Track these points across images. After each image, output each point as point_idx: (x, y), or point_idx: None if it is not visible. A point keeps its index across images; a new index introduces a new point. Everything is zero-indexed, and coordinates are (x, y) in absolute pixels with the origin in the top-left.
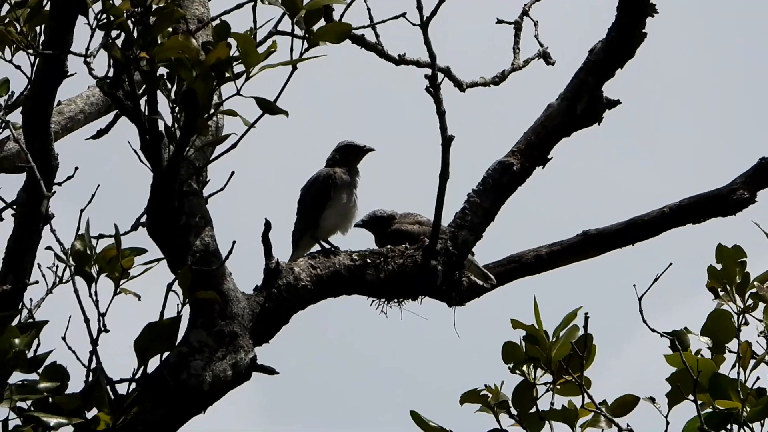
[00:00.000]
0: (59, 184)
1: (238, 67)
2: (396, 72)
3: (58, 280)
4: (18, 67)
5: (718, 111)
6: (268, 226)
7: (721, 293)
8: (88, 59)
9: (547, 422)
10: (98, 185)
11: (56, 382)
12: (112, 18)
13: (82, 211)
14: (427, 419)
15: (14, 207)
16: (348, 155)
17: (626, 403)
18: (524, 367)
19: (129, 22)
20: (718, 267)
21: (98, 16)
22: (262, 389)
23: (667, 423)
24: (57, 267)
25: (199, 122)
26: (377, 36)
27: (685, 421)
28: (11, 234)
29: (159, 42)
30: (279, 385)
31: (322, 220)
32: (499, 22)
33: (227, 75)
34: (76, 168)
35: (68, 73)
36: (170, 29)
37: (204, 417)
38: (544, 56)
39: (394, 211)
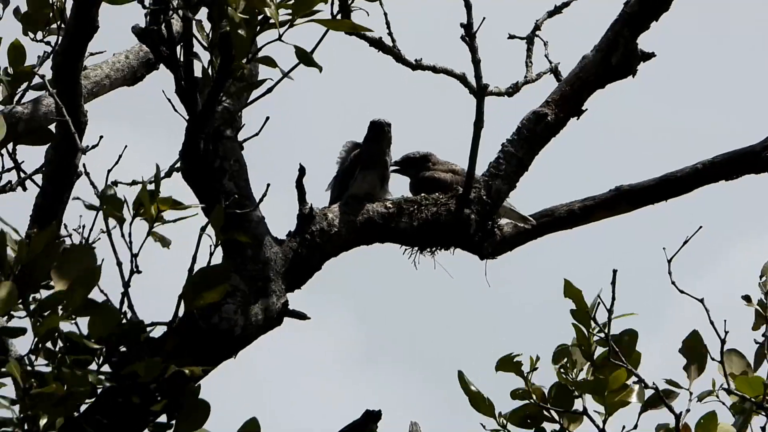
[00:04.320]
0: (84, 152)
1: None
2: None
3: (84, 242)
4: (48, 43)
5: (750, 66)
6: (302, 171)
7: None
8: None
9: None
10: (125, 146)
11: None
12: None
13: (109, 171)
14: (470, 381)
15: (32, 179)
16: (375, 132)
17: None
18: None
19: None
20: None
21: None
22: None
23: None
24: (83, 227)
25: (235, 66)
26: (393, 40)
27: None
28: (39, 191)
29: None
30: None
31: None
32: (511, 37)
33: (271, 21)
34: (101, 137)
35: (98, 28)
36: None
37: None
38: (555, 72)
39: (429, 152)
